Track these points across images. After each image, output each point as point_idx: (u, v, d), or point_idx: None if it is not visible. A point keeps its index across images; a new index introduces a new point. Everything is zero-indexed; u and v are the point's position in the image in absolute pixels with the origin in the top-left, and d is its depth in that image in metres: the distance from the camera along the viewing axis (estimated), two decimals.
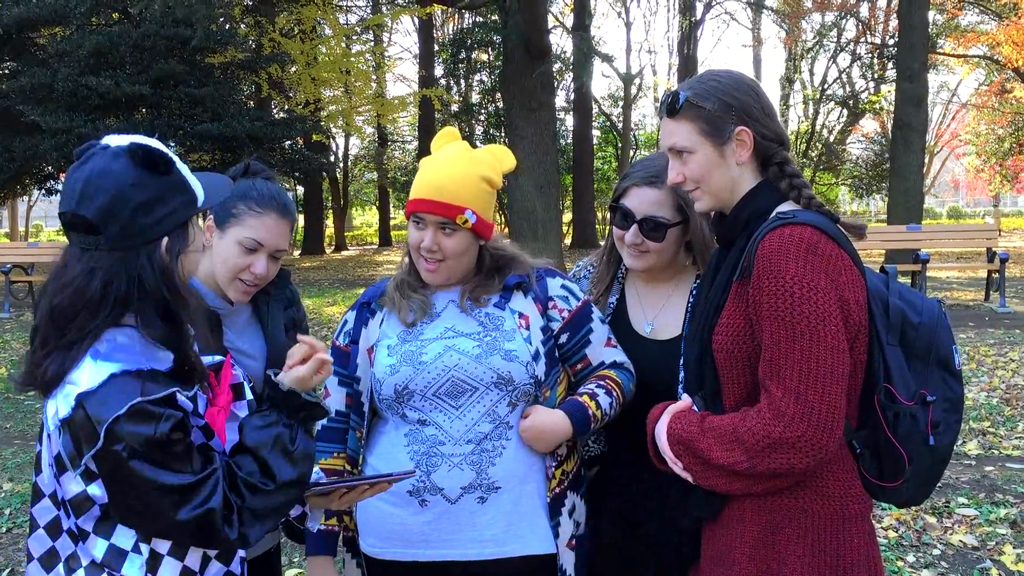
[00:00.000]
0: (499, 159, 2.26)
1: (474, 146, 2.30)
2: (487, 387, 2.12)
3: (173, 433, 1.58)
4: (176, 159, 1.71)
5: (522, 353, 2.15)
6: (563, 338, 2.26)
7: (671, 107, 1.93)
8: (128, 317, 1.63)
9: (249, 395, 1.92)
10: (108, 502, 1.61)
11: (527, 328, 2.19)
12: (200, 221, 1.79)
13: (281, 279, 2.51)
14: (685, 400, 1.95)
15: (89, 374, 1.57)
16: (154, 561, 1.67)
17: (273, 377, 1.79)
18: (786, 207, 1.88)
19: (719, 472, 1.80)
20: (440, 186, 2.14)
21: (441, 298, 2.26)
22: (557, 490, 2.19)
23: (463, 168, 2.17)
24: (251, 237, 2.24)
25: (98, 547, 1.65)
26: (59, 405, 1.60)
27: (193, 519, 1.60)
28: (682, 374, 2.10)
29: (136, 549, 1.66)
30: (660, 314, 2.38)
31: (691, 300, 2.32)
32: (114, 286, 1.60)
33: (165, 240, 1.65)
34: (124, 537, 1.66)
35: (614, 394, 2.22)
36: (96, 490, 1.61)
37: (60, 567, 1.70)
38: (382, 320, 2.26)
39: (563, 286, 2.29)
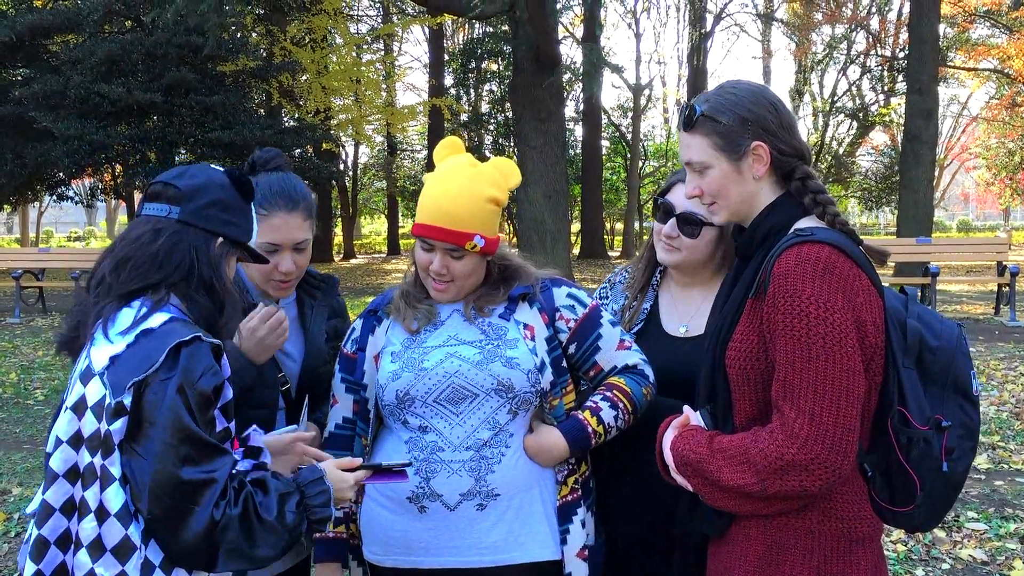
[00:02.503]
0: (505, 175, 2.23)
1: (483, 157, 2.29)
2: (487, 394, 2.13)
3: (214, 393, 1.69)
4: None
5: (524, 361, 2.15)
6: (571, 348, 2.27)
7: (687, 121, 1.91)
8: (174, 298, 1.78)
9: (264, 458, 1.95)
10: (124, 436, 1.65)
11: (532, 339, 2.20)
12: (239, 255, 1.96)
13: (330, 287, 2.55)
14: (688, 414, 1.93)
15: (154, 319, 1.72)
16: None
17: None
18: (806, 223, 1.84)
19: (729, 494, 1.77)
20: (447, 211, 2.11)
21: (446, 307, 2.27)
22: (570, 497, 2.20)
23: (470, 192, 2.14)
24: (266, 241, 2.26)
25: (118, 497, 1.67)
26: (114, 343, 1.70)
27: (194, 482, 1.63)
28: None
29: None
30: (696, 316, 2.40)
31: None
32: (178, 250, 1.79)
33: (221, 239, 1.84)
34: None
35: (620, 405, 2.21)
36: (118, 424, 1.65)
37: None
38: (388, 327, 2.28)
39: (569, 295, 2.29)
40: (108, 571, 1.66)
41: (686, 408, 1.94)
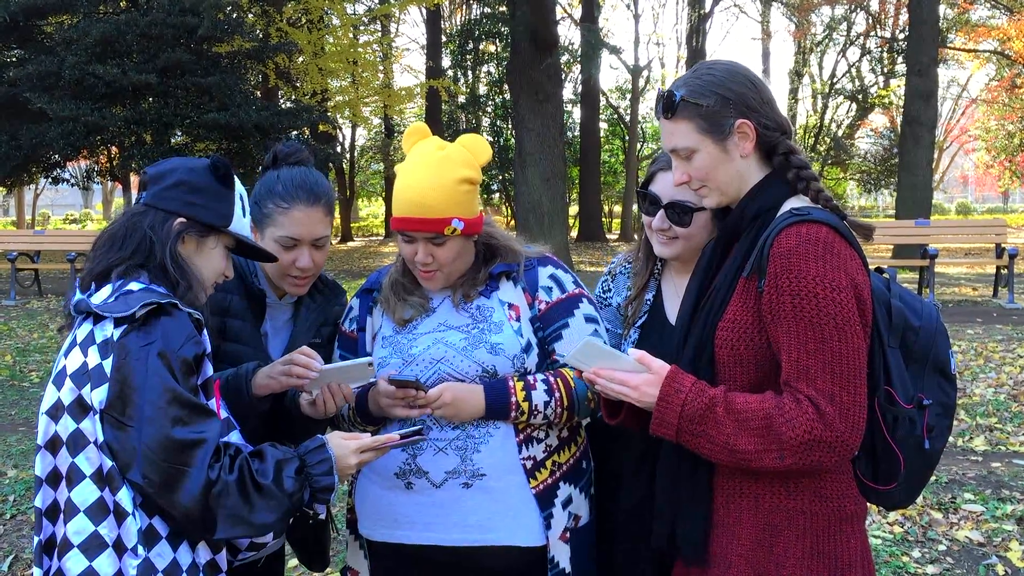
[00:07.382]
0: (474, 152, 2.17)
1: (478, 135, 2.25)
2: (472, 380, 2.12)
3: (195, 362, 1.71)
4: (242, 190, 1.97)
5: (509, 346, 2.14)
6: (537, 332, 2.22)
7: (667, 108, 1.88)
8: (142, 273, 1.80)
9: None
10: (105, 406, 1.67)
11: (517, 319, 2.18)
12: (221, 242, 1.94)
13: (333, 294, 2.45)
14: (643, 356, 1.84)
15: (131, 286, 1.77)
16: None
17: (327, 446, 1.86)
18: (797, 202, 1.84)
19: (735, 456, 1.73)
20: (421, 202, 2.08)
21: (437, 297, 2.24)
22: (549, 481, 2.17)
23: (440, 177, 2.09)
24: (285, 235, 2.21)
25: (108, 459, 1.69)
26: (96, 301, 1.75)
27: (185, 442, 1.65)
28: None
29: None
30: None
31: None
32: (136, 230, 1.83)
33: (180, 220, 1.84)
34: None
35: (556, 394, 2.14)
36: (101, 395, 1.67)
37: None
38: (382, 310, 2.27)
39: (551, 276, 2.24)
40: (111, 532, 1.69)
41: (633, 351, 1.86)
